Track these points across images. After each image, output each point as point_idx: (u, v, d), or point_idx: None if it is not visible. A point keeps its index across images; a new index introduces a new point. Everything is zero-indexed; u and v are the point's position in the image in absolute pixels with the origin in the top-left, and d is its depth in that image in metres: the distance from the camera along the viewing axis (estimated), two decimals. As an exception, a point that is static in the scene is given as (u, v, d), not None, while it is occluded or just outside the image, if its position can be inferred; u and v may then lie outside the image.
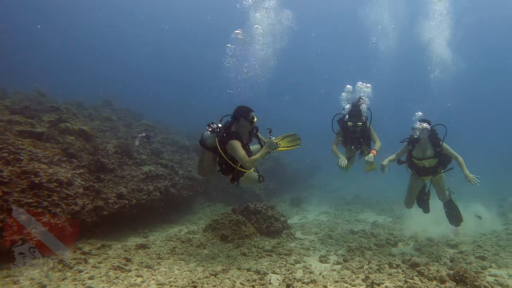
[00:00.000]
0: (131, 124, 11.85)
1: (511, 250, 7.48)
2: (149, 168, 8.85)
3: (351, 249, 7.31)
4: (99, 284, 4.62)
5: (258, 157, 5.69)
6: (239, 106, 5.92)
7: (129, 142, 9.64)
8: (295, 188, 16.44)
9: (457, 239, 8.30)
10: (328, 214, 12.48)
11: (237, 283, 5.05)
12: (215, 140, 5.78)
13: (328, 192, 17.45)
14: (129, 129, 11.24)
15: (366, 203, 14.66)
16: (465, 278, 5.09)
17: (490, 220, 10.29)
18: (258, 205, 8.96)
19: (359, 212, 12.98)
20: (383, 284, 5.19)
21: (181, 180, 9.46)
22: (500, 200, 14.28)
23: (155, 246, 6.76)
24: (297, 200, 14.26)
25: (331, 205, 14.30)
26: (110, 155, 8.41)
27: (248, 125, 5.87)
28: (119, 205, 7.19)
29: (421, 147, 7.01)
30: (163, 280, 4.94)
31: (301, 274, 5.69)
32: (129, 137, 10.27)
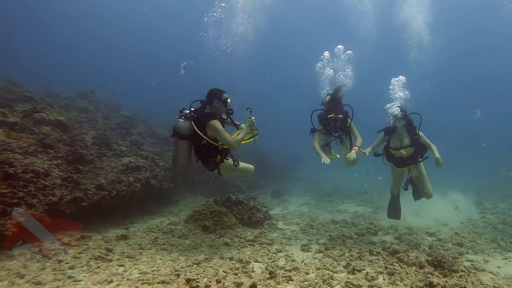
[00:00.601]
0: (109, 116, 11.61)
1: (487, 237, 7.66)
2: (129, 159, 8.71)
3: (333, 238, 7.39)
4: (80, 273, 4.54)
5: (241, 136, 5.62)
6: (211, 88, 5.79)
7: (108, 134, 9.44)
8: (277, 180, 16.49)
9: (435, 228, 8.50)
10: (310, 205, 12.60)
11: (220, 271, 5.03)
12: (191, 125, 5.54)
13: (309, 183, 17.58)
14: (107, 121, 11.02)
15: (347, 193, 14.86)
16: (443, 263, 5.23)
17: (467, 208, 10.60)
18: (239, 196, 8.97)
19: (340, 203, 13.14)
20: (364, 270, 5.27)
21: (162, 171, 9.35)
22: (478, 189, 14.70)
23: (136, 237, 6.68)
24: (279, 191, 14.31)
25: (313, 196, 14.43)
26: (89, 146, 8.23)
27: (222, 106, 5.74)
28: (98, 196, 7.05)
29: (398, 136, 7.02)
30: (146, 269, 4.88)
31: (284, 262, 5.72)
32: (107, 129, 10.07)
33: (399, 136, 7.02)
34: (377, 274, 5.13)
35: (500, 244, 7.13)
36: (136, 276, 4.61)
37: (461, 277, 4.93)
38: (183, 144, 5.78)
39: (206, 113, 5.61)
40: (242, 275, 4.95)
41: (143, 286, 4.24)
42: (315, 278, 4.92)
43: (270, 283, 4.64)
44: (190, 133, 5.60)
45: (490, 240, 7.43)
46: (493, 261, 6.19)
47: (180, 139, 5.73)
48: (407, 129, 6.94)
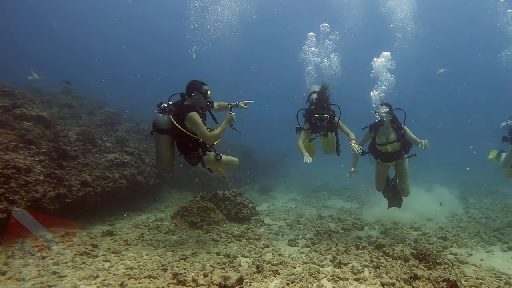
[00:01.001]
0: (94, 112, 11.42)
1: (470, 231, 7.81)
2: (114, 155, 8.59)
3: (319, 233, 7.45)
4: (64, 269, 4.47)
5: (219, 131, 5.50)
6: (191, 80, 5.69)
7: (93, 130, 9.30)
8: (263, 177, 16.49)
9: (420, 222, 8.63)
10: (296, 201, 12.64)
11: (207, 265, 5.02)
12: (169, 119, 5.44)
13: (296, 180, 17.61)
14: (92, 117, 10.85)
15: (333, 190, 14.94)
16: (427, 256, 5.35)
17: (451, 203, 10.78)
18: (226, 192, 8.96)
19: (326, 199, 13.20)
20: (350, 264, 5.35)
21: (147, 168, 9.26)
22: (462, 185, 14.95)
23: (122, 233, 6.62)
24: (265, 188, 14.32)
25: (299, 192, 14.46)
26: (72, 142, 8.08)
27: (201, 98, 5.63)
28: (83, 193, 6.94)
29: (384, 132, 6.98)
30: (132, 264, 4.84)
31: (271, 257, 5.76)
32: (92, 125, 9.91)
33: (385, 132, 6.96)
34: (363, 267, 5.20)
35: (483, 238, 7.28)
36: (123, 271, 4.57)
37: (445, 269, 5.05)
38: (165, 139, 5.66)
39: (185, 105, 5.52)
40: (229, 269, 4.97)
41: (129, 281, 4.20)
42: (302, 271, 4.97)
43: (257, 277, 4.67)
44: (169, 127, 5.50)
45: (474, 234, 7.58)
46: (476, 254, 6.32)
47: (161, 134, 5.62)
48: (393, 125, 6.92)
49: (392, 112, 6.87)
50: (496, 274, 5.05)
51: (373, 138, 7.08)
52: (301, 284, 4.50)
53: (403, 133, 6.82)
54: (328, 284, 4.55)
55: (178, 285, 4.09)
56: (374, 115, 6.88)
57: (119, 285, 4.09)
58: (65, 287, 3.94)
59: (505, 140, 7.78)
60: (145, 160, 9.38)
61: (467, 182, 15.48)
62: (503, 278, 4.80)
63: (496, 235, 7.51)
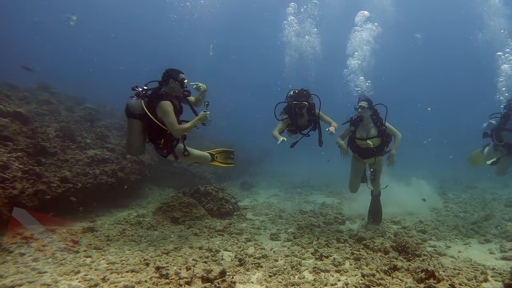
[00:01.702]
0: (73, 108, 11.23)
1: (449, 225, 8.00)
2: (94, 152, 8.50)
3: (301, 227, 7.53)
4: (45, 265, 4.41)
5: (188, 126, 5.42)
6: (168, 68, 5.64)
7: (72, 126, 9.16)
8: (245, 173, 16.52)
9: (400, 217, 8.79)
10: (278, 196, 12.72)
11: (190, 259, 5.04)
12: (141, 104, 5.34)
13: (277, 176, 17.72)
14: (71, 113, 10.67)
15: (315, 185, 15.07)
16: (407, 249, 5.50)
17: (431, 198, 11.04)
18: (208, 187, 8.96)
19: (308, 194, 13.31)
20: (331, 256, 5.44)
21: (129, 164, 9.18)
22: (441, 181, 15.28)
23: (104, 229, 6.54)
24: (247, 184, 14.34)
25: (281, 188, 14.54)
26: (51, 138, 7.96)
27: (178, 87, 5.58)
28: (63, 189, 6.85)
29: (364, 127, 7.01)
30: (114, 259, 4.82)
31: (253, 250, 5.82)
32: (71, 121, 9.76)
33: (366, 127, 7.01)
34: (344, 259, 5.30)
35: (461, 231, 7.47)
36: (105, 266, 4.55)
37: (424, 261, 5.19)
38: (136, 124, 5.50)
39: (160, 93, 5.43)
40: (212, 263, 5.00)
41: (112, 276, 4.18)
42: (284, 264, 5.03)
43: (239, 270, 4.72)
44: (141, 113, 5.37)
45: (452, 228, 7.76)
46: (454, 246, 6.48)
47: (132, 118, 5.47)
48: (374, 120, 6.98)
49: (372, 107, 6.92)
50: (473, 265, 5.20)
51: (353, 132, 7.09)
52: (283, 276, 4.55)
53: (384, 128, 6.89)
54: (309, 276, 4.61)
55: (160, 279, 4.09)
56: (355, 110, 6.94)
57: (101, 279, 4.07)
58: (46, 282, 3.89)
59: (486, 136, 7.96)
60: (126, 157, 9.30)
61: (447, 179, 15.85)
62: (479, 269, 4.95)
63: (473, 228, 7.70)
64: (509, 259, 5.64)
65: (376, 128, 6.96)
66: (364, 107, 6.81)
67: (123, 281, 4.00)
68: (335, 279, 4.49)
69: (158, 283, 3.95)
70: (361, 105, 6.84)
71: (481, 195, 12.65)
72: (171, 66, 5.75)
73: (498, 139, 7.72)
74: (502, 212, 9.53)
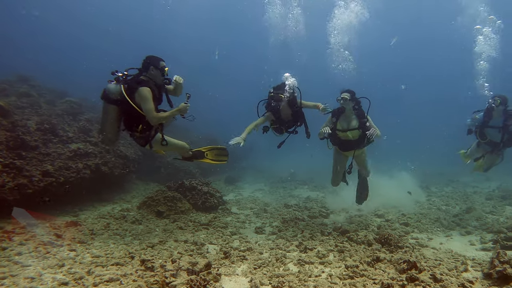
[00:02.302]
0: (54, 102, 11.01)
1: (431, 217, 8.16)
2: (77, 145, 8.38)
3: (286, 220, 7.62)
4: (28, 259, 4.37)
5: (166, 115, 5.35)
6: (148, 55, 5.55)
7: (54, 120, 9.00)
8: (230, 168, 16.47)
9: (384, 210, 8.94)
10: (263, 191, 12.77)
11: (175, 253, 5.07)
12: (120, 89, 5.19)
13: (262, 171, 17.75)
14: (53, 107, 10.47)
15: (300, 180, 15.14)
16: (390, 241, 5.65)
17: (414, 192, 11.22)
18: (193, 181, 8.93)
19: (293, 188, 13.38)
20: (316, 249, 5.54)
21: (112, 158, 9.07)
22: (424, 175, 15.54)
23: (87, 223, 6.50)
24: (232, 178, 14.33)
25: (266, 183, 14.58)
26: (32, 132, 7.82)
27: (158, 74, 5.47)
28: (45, 183, 6.75)
29: (346, 118, 6.89)
30: (99, 253, 4.81)
31: (238, 244, 5.89)
32: (53, 114, 9.59)
33: (347, 118, 6.89)
34: (328, 251, 5.41)
35: (443, 223, 7.67)
36: (89, 260, 4.54)
37: (406, 252, 5.36)
38: (112, 110, 5.36)
39: (140, 79, 5.31)
40: (197, 256, 5.04)
41: (97, 269, 4.17)
42: (269, 257, 5.11)
43: (224, 263, 4.78)
44: (119, 98, 5.23)
45: (434, 220, 7.93)
46: (436, 238, 6.66)
47: (109, 103, 5.34)
48: (356, 112, 6.85)
49: (355, 98, 6.83)
50: (454, 256, 5.38)
51: (334, 123, 6.95)
52: (268, 268, 4.62)
53: (365, 121, 6.77)
54: (294, 268, 4.68)
55: (146, 271, 4.10)
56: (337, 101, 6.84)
57: (86, 272, 4.05)
58: (30, 276, 3.85)
59: (470, 133, 7.91)
60: (109, 151, 9.19)
61: (431, 173, 16.12)
62: (460, 259, 5.12)
63: (455, 220, 7.89)
64: (488, 250, 5.82)
65: (357, 120, 6.84)
66: (346, 99, 6.72)
67: (108, 274, 3.99)
68: (319, 270, 4.57)
69: (144, 276, 3.95)
70: (343, 97, 6.75)
71: (463, 188, 12.94)
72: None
73: (482, 137, 7.72)
74: (483, 205, 9.79)
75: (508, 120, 7.21)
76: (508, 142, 7.42)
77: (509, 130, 7.29)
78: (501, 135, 7.39)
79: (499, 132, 7.39)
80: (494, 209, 9.20)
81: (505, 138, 7.38)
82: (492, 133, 7.55)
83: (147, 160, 11.72)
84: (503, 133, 7.35)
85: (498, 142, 7.53)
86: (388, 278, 4.09)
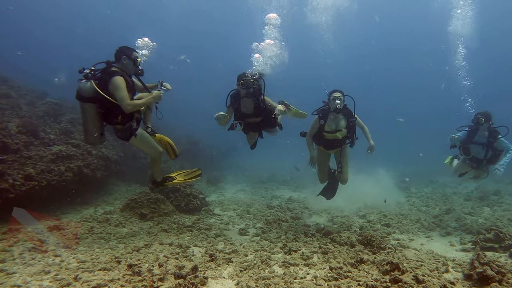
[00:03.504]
0: (35, 102, 10.83)
1: (412, 218, 8.41)
2: (59, 148, 8.29)
3: (269, 222, 7.73)
4: (13, 266, 4.35)
5: (140, 102, 5.19)
6: (121, 46, 5.42)
7: (35, 121, 8.88)
8: (212, 168, 16.52)
9: (365, 211, 9.17)
10: (245, 191, 12.89)
11: (161, 256, 5.09)
12: (92, 85, 5.03)
13: (244, 171, 17.85)
14: (33, 108, 10.30)
15: (282, 180, 15.32)
16: (372, 242, 5.80)
17: (394, 193, 11.48)
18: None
19: (275, 189, 13.55)
20: (300, 250, 5.65)
21: (95, 160, 9.02)
22: (404, 175, 15.88)
23: (71, 227, 6.46)
24: (214, 179, 14.37)
25: (248, 183, 14.72)
26: (13, 134, 7.72)
27: (131, 65, 5.34)
28: (27, 187, 6.69)
29: (334, 119, 6.62)
30: (84, 258, 4.80)
31: (223, 246, 5.94)
32: (34, 116, 9.44)
33: (335, 119, 6.62)
34: (312, 253, 5.51)
35: (423, 224, 7.90)
36: (75, 265, 4.53)
37: (388, 253, 5.53)
38: (89, 108, 5.19)
39: (111, 70, 5.19)
40: (183, 259, 5.07)
41: (83, 274, 4.17)
42: (254, 259, 5.18)
43: (211, 265, 4.83)
44: (93, 95, 5.07)
45: (415, 221, 8.18)
46: (417, 239, 6.86)
47: (85, 102, 5.17)
48: (344, 111, 6.57)
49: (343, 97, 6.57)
50: (435, 257, 5.55)
51: (322, 125, 6.66)
52: (254, 270, 4.70)
53: (354, 120, 6.59)
54: (279, 270, 4.77)
55: (133, 276, 4.13)
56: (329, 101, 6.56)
57: (73, 278, 4.06)
58: (16, 284, 3.85)
59: (453, 147, 7.82)
60: (91, 153, 9.12)
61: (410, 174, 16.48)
62: (440, 260, 5.28)
63: (435, 221, 8.13)
64: (468, 251, 6.05)
65: (345, 120, 6.60)
66: (340, 98, 6.41)
67: (95, 279, 4.01)
68: (304, 272, 4.66)
69: (131, 281, 3.98)
70: (337, 96, 6.41)
71: (442, 189, 13.34)
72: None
73: (466, 153, 7.59)
74: (462, 206, 10.14)
75: (492, 136, 7.15)
76: (491, 159, 7.29)
77: (493, 147, 7.19)
78: (485, 152, 7.30)
79: (483, 149, 7.31)
80: (472, 210, 9.50)
81: (488, 155, 7.29)
82: (475, 149, 7.45)
83: (128, 161, 11.67)
84: (486, 149, 7.26)
85: (481, 159, 7.44)
86: (372, 279, 4.19)
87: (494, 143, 7.15)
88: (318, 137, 6.88)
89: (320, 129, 6.76)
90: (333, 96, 6.46)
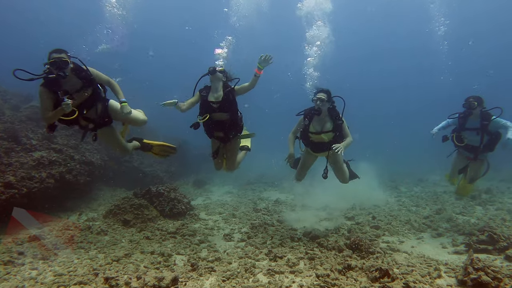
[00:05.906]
0: (18, 107, 10.67)
1: (401, 219, 8.29)
2: (40, 154, 8.18)
3: (254, 226, 7.65)
4: (-14, 281, 4.27)
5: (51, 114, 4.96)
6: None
7: (17, 126, 8.74)
8: (198, 170, 16.40)
9: (354, 212, 9.09)
10: (232, 194, 12.83)
11: (141, 266, 5.04)
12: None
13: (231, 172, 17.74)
14: (16, 112, 10.15)
15: (269, 181, 15.27)
16: (360, 246, 5.64)
17: (384, 192, 11.48)
18: (160, 187, 8.87)
19: (262, 190, 13.50)
20: (286, 256, 5.53)
21: (77, 165, 8.91)
22: (393, 174, 15.93)
23: (51, 236, 6.36)
24: (200, 181, 14.31)
25: (235, 185, 14.63)
26: (-7, 141, 7.61)
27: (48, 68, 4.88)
28: (7, 195, 6.59)
29: (319, 120, 6.42)
30: (61, 271, 4.72)
31: (206, 253, 5.87)
32: (16, 121, 9.30)
33: (321, 120, 6.41)
34: (298, 259, 5.39)
35: (414, 225, 7.73)
36: (51, 279, 4.45)
37: (378, 258, 5.35)
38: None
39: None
40: (164, 269, 5.01)
41: (58, 289, 4.12)
42: (238, 267, 5.09)
43: (192, 276, 4.73)
44: None
45: (405, 222, 8.04)
46: (407, 241, 6.72)
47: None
48: (330, 113, 6.36)
49: (331, 99, 6.36)
50: (427, 261, 5.39)
51: (307, 125, 6.49)
52: (237, 280, 4.61)
53: (341, 123, 6.33)
54: (264, 279, 4.67)
55: (110, 290, 4.08)
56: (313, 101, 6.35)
57: (47, 294, 4.00)
58: (-12, 300, 3.79)
59: (446, 139, 7.43)
60: (74, 158, 9.01)
61: (400, 173, 16.54)
62: (432, 264, 5.14)
63: (426, 222, 8.00)
64: (461, 253, 5.92)
65: (332, 122, 6.37)
66: (323, 100, 6.21)
67: (70, 294, 3.96)
68: (289, 280, 4.55)
69: (108, 295, 3.94)
70: (320, 97, 6.24)
71: (432, 188, 13.27)
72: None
73: (459, 140, 7.24)
74: (453, 205, 10.00)
75: (486, 119, 6.85)
76: (488, 144, 6.98)
77: (488, 130, 6.86)
78: (480, 137, 6.97)
79: (477, 134, 6.99)
80: (464, 209, 9.37)
81: (485, 140, 6.96)
82: (470, 136, 7.12)
83: (113, 166, 11.55)
84: (481, 134, 6.94)
85: (477, 146, 7.11)
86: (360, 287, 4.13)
87: (489, 126, 6.84)
88: (305, 137, 6.72)
89: (305, 129, 6.60)
90: (316, 96, 6.30)
